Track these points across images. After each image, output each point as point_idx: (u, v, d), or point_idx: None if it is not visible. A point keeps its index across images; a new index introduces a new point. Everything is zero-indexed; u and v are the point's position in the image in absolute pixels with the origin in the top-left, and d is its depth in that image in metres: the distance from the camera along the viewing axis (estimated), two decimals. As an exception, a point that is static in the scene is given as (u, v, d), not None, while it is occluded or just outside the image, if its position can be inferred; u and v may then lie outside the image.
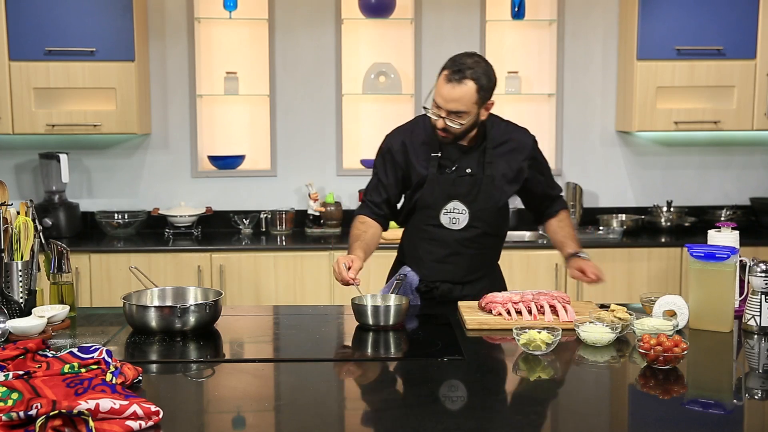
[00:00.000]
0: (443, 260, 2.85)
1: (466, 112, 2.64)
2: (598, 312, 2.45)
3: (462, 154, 2.80)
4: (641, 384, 2.01)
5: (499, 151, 2.83)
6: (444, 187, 2.79)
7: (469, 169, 2.79)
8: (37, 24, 4.34)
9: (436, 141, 2.79)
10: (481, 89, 2.62)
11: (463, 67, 2.62)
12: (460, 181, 2.78)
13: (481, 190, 2.79)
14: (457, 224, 2.81)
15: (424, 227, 2.85)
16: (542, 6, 4.92)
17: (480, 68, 2.64)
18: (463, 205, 2.79)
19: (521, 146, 2.87)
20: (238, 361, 2.19)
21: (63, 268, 2.62)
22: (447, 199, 2.80)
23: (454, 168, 2.79)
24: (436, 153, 2.79)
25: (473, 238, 2.83)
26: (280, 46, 4.83)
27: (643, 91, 4.60)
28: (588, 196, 4.98)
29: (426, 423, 1.74)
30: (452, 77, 2.61)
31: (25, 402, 1.61)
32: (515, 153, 2.85)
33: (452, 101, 2.62)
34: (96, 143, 4.82)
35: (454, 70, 2.62)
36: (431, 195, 2.80)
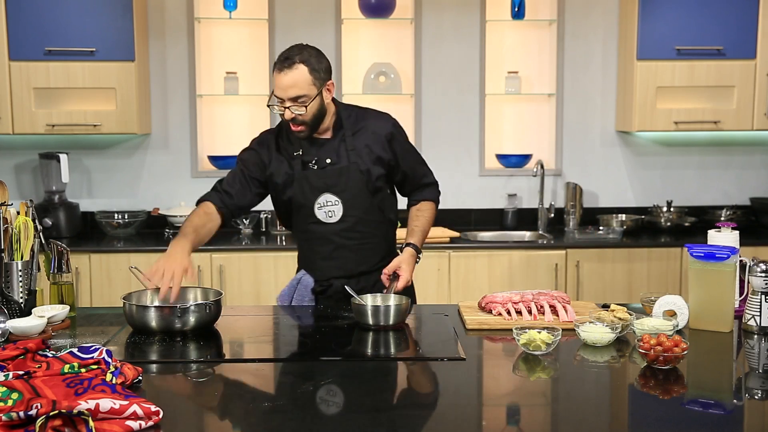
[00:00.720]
0: (330, 256, 2.85)
1: (306, 95, 2.67)
2: (598, 312, 2.45)
3: (321, 148, 2.82)
4: (641, 384, 2.01)
5: (359, 137, 2.84)
6: (312, 181, 2.80)
7: (329, 159, 2.81)
8: (37, 24, 4.34)
9: (295, 140, 2.82)
10: (313, 70, 2.67)
11: (291, 55, 2.67)
12: (325, 173, 2.80)
13: (350, 178, 2.81)
14: (333, 217, 2.83)
15: (305, 227, 2.87)
16: (542, 6, 4.92)
17: (306, 52, 2.69)
18: (335, 196, 2.81)
19: (379, 130, 2.87)
20: (238, 361, 2.19)
21: (63, 268, 2.62)
22: (317, 193, 2.81)
23: (315, 160, 2.81)
24: (297, 152, 2.82)
25: (353, 227, 2.84)
26: (280, 46, 4.83)
27: (643, 91, 4.60)
28: (588, 196, 4.98)
29: (426, 423, 1.73)
30: (283, 66, 2.67)
31: (25, 402, 1.61)
32: (374, 137, 2.85)
33: (289, 87, 2.66)
34: (96, 143, 4.82)
35: (282, 59, 2.68)
36: (302, 192, 2.82)
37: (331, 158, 2.81)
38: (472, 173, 4.98)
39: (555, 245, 4.46)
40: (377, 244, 2.91)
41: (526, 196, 5.00)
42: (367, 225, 2.87)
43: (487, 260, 4.37)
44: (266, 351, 2.37)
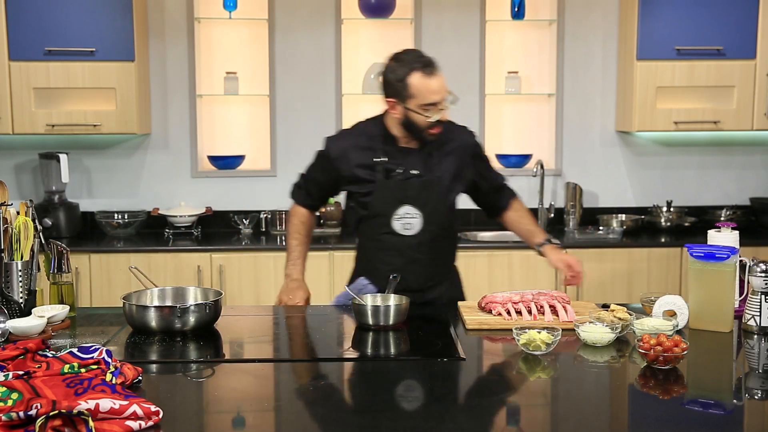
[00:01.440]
0: (400, 269, 2.74)
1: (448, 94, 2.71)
2: (598, 312, 2.45)
3: (407, 157, 2.77)
4: (641, 384, 2.01)
5: (444, 150, 2.82)
6: (394, 191, 2.75)
7: (416, 171, 2.76)
8: (37, 24, 4.34)
9: (380, 146, 2.77)
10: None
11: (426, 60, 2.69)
12: (409, 184, 2.75)
13: (432, 192, 2.76)
14: (411, 230, 2.77)
15: (377, 237, 2.80)
16: (542, 6, 4.92)
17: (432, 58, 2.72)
18: (416, 209, 2.76)
19: (464, 145, 2.88)
20: (238, 361, 2.19)
21: (63, 268, 2.62)
22: (398, 204, 2.75)
23: (401, 171, 2.75)
24: (381, 158, 2.76)
25: (428, 242, 2.79)
26: (280, 46, 4.83)
27: (643, 91, 4.60)
28: (588, 196, 4.98)
29: (426, 423, 1.74)
30: (432, 70, 2.67)
31: (25, 402, 1.61)
32: (458, 152, 2.85)
33: (443, 88, 2.69)
34: (96, 143, 4.82)
35: (426, 64, 2.67)
36: (382, 201, 2.75)
37: (418, 169, 2.75)
38: (472, 173, 4.97)
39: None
40: (446, 260, 2.90)
41: (526, 196, 4.99)
42: (441, 240, 2.83)
43: (487, 260, 4.37)
44: (266, 351, 2.37)
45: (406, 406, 1.90)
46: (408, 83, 2.66)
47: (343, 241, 4.49)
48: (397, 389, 2.04)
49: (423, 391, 2.01)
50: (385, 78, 2.74)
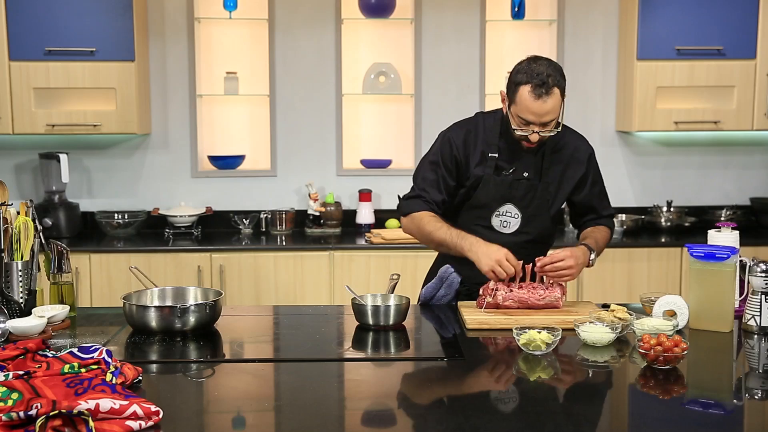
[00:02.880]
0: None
1: (556, 118, 2.63)
2: (598, 312, 2.45)
3: (520, 157, 2.74)
4: (641, 384, 2.01)
5: (558, 157, 2.78)
6: (500, 189, 2.73)
7: (527, 173, 2.74)
8: (37, 24, 4.34)
9: (495, 141, 2.74)
10: (563, 92, 2.62)
11: (545, 78, 2.57)
12: (517, 184, 2.74)
13: (536, 196, 2.75)
14: (507, 228, 2.77)
15: (473, 227, 2.76)
16: (542, 6, 4.92)
17: (556, 72, 2.61)
18: (517, 209, 2.75)
19: (579, 154, 2.82)
20: (238, 361, 2.19)
21: (63, 268, 2.62)
22: (501, 201, 2.74)
23: (511, 171, 2.74)
24: (494, 154, 2.74)
25: (522, 244, 2.76)
26: (280, 46, 4.83)
27: (643, 91, 4.60)
28: (588, 196, 4.97)
29: (426, 423, 1.74)
30: (540, 92, 2.56)
31: (25, 402, 1.61)
32: (572, 160, 2.80)
33: (546, 114, 2.59)
34: (96, 143, 4.82)
35: (538, 84, 2.57)
36: (486, 196, 2.74)
37: (528, 172, 2.73)
38: (472, 173, 4.97)
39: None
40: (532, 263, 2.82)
41: (526, 196, 4.99)
42: (535, 245, 2.81)
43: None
44: (266, 351, 2.37)
45: (405, 407, 1.90)
46: (517, 90, 2.61)
47: (343, 242, 4.49)
48: (397, 390, 2.04)
49: (423, 392, 2.01)
50: (511, 72, 2.71)
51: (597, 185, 2.89)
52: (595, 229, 2.87)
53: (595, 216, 2.92)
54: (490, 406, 1.89)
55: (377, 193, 4.93)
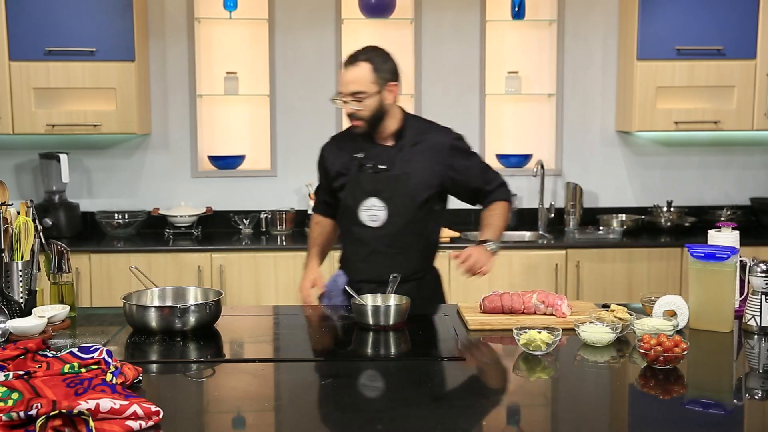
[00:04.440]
0: (366, 259, 2.90)
1: (364, 92, 2.77)
2: (598, 312, 2.45)
3: (381, 154, 2.88)
4: (641, 384, 2.01)
5: (417, 149, 2.89)
6: (363, 184, 2.87)
7: (384, 165, 2.85)
8: (37, 24, 4.34)
9: (359, 143, 2.90)
10: (376, 69, 2.78)
11: (358, 53, 2.82)
12: (377, 177, 2.86)
13: (398, 187, 2.85)
14: (377, 221, 2.87)
15: (349, 227, 2.93)
16: (542, 6, 4.92)
17: (374, 53, 2.82)
18: (381, 201, 2.85)
19: (437, 146, 2.91)
20: (238, 361, 2.19)
21: (63, 268, 2.62)
22: (365, 195, 2.87)
23: (370, 165, 2.87)
24: (359, 154, 2.90)
25: (393, 235, 2.87)
26: (280, 46, 4.83)
27: (643, 91, 4.60)
28: (588, 196, 4.98)
29: (426, 423, 1.74)
30: (347, 62, 2.82)
31: (26, 402, 1.61)
32: (431, 152, 2.90)
33: (350, 83, 2.79)
34: (96, 143, 4.82)
35: (349, 57, 2.83)
36: (351, 193, 2.89)
37: (387, 165, 2.86)
38: (472, 173, 4.97)
39: (555, 245, 4.46)
40: (412, 256, 2.92)
41: (526, 196, 5.00)
42: (407, 236, 2.89)
43: (487, 260, 4.36)
44: (266, 351, 2.37)
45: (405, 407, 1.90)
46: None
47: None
48: (397, 389, 2.04)
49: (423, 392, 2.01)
50: None
51: (472, 168, 2.97)
52: (489, 214, 2.99)
53: (485, 194, 3.01)
54: (489, 406, 1.89)
55: (377, 193, 4.92)
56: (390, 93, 2.83)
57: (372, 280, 2.86)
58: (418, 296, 2.83)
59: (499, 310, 2.58)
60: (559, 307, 2.54)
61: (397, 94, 2.87)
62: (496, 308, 2.58)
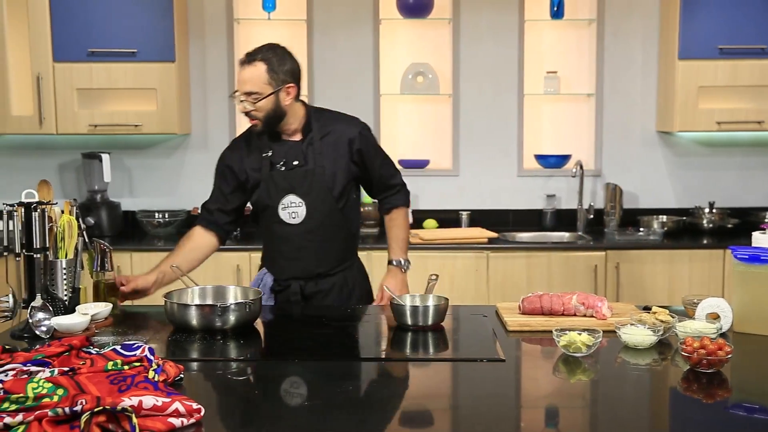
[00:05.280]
0: (290, 256, 2.90)
1: (259, 92, 2.75)
2: (639, 314, 2.42)
3: (290, 150, 2.88)
4: (684, 387, 1.98)
5: (326, 141, 2.89)
6: (277, 182, 2.87)
7: (296, 161, 2.86)
8: (80, 26, 4.41)
9: (266, 142, 2.89)
10: (271, 69, 2.75)
11: (254, 52, 2.78)
12: (292, 174, 2.86)
13: (314, 181, 2.86)
14: (297, 218, 2.88)
15: (269, 227, 2.93)
16: (582, 5, 4.88)
17: (271, 52, 2.78)
18: (299, 197, 2.86)
19: (344, 136, 2.91)
20: (277, 360, 2.20)
21: (106, 266, 2.66)
22: (282, 193, 2.87)
23: (282, 162, 2.86)
24: (267, 153, 2.89)
25: (315, 230, 2.88)
26: (318, 46, 4.85)
27: (685, 90, 4.54)
28: (628, 196, 4.93)
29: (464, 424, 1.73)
30: (243, 61, 2.78)
31: (71, 398, 1.64)
32: (339, 143, 2.90)
33: (245, 82, 2.76)
34: (137, 143, 4.88)
35: (246, 55, 2.79)
36: (267, 192, 2.88)
37: (298, 160, 2.87)
38: (510, 174, 4.95)
39: (594, 246, 4.42)
40: (337, 248, 2.95)
41: (565, 196, 4.96)
42: (329, 228, 2.91)
43: (526, 261, 4.35)
44: (305, 350, 2.37)
45: (444, 408, 1.89)
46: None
47: (381, 242, 4.49)
48: (436, 390, 2.04)
49: (462, 393, 2.00)
50: None
51: (376, 158, 2.98)
52: (393, 225, 3.04)
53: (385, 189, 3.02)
54: (528, 408, 1.88)
55: (415, 194, 4.92)
56: (287, 94, 2.80)
57: (299, 276, 2.90)
58: (346, 286, 2.95)
59: (538, 312, 2.56)
60: (600, 308, 2.52)
61: (295, 95, 2.84)
62: (536, 309, 2.57)
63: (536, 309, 2.57)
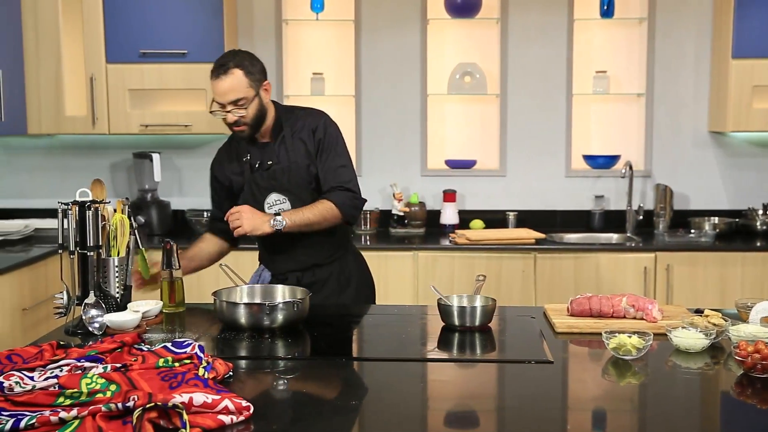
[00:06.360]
0: (283, 252, 2.96)
1: (245, 97, 2.80)
2: (691, 317, 2.38)
3: (265, 150, 2.94)
4: (737, 392, 1.94)
5: (296, 136, 2.93)
6: (259, 182, 2.92)
7: (271, 161, 2.91)
8: (132, 27, 4.48)
9: (244, 146, 2.96)
10: (248, 72, 2.82)
11: (225, 61, 2.83)
12: (271, 173, 2.91)
13: (291, 176, 2.90)
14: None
15: None
16: (632, 4, 4.82)
17: (239, 57, 2.84)
18: (282, 195, 2.90)
19: (309, 127, 2.93)
20: (324, 359, 2.21)
21: (173, 264, 2.71)
22: (265, 192, 2.91)
23: (258, 163, 2.93)
24: (246, 156, 2.95)
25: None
26: (365, 46, 4.86)
27: (738, 90, 4.45)
28: (678, 198, 4.85)
29: (511, 426, 1.72)
30: (219, 72, 2.81)
31: (123, 394, 1.66)
32: (307, 134, 2.93)
33: (227, 92, 2.80)
34: (186, 143, 4.94)
35: (217, 66, 2.83)
36: (251, 194, 2.93)
37: (272, 160, 2.92)
38: (558, 174, 4.91)
39: (644, 248, 4.36)
40: (326, 238, 2.97)
41: (614, 197, 4.90)
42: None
43: (573, 262, 4.31)
44: (352, 350, 2.39)
45: (491, 409, 1.89)
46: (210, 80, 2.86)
47: (427, 242, 4.49)
48: (483, 391, 2.03)
49: (510, 395, 1.99)
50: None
51: (330, 153, 2.94)
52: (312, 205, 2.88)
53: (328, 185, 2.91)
54: (575, 410, 1.86)
55: (462, 194, 4.92)
56: (266, 92, 2.88)
57: (295, 269, 2.97)
58: (343, 275, 2.99)
59: (587, 313, 2.54)
60: (650, 311, 2.49)
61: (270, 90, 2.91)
62: (584, 311, 2.54)
63: (585, 311, 2.54)
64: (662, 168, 4.88)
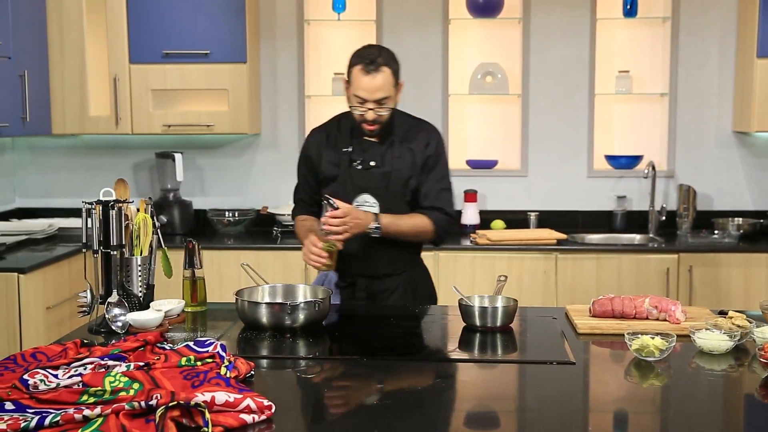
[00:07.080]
0: (357, 255, 2.85)
1: (389, 97, 2.78)
2: (714, 318, 2.36)
3: (369, 150, 2.88)
4: (762, 395, 1.93)
5: (406, 145, 2.89)
6: (355, 179, 2.87)
7: (373, 162, 2.86)
8: (155, 28, 4.51)
9: (348, 137, 2.90)
10: (394, 72, 2.79)
11: (374, 57, 2.76)
12: (369, 174, 2.86)
13: (390, 183, 2.86)
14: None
15: None
16: (656, 3, 4.78)
17: (387, 54, 2.80)
18: (373, 197, 2.85)
19: (424, 141, 2.90)
20: (346, 359, 2.22)
21: (195, 263, 2.72)
22: (357, 191, 2.86)
23: (360, 161, 2.87)
24: (347, 148, 2.89)
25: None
26: (387, 46, 4.84)
27: (764, 89, 4.41)
28: (702, 198, 4.81)
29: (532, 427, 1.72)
30: (369, 69, 2.75)
31: (146, 392, 1.68)
32: (419, 148, 2.89)
33: (376, 90, 2.75)
34: (208, 143, 4.97)
35: (368, 63, 2.76)
36: (342, 189, 2.87)
37: (376, 161, 2.87)
38: (580, 174, 4.88)
39: (666, 249, 4.33)
40: (404, 251, 2.94)
41: (636, 198, 4.87)
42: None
43: (595, 263, 4.28)
44: (373, 350, 2.38)
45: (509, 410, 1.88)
46: (351, 72, 2.82)
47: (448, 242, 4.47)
48: (504, 392, 2.03)
49: (532, 395, 1.99)
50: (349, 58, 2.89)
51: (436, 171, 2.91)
52: (411, 215, 2.87)
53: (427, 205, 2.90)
54: (597, 411, 1.85)
55: (483, 194, 4.90)
56: (399, 92, 2.86)
57: (366, 275, 2.90)
58: (410, 286, 2.94)
59: (609, 314, 2.52)
60: (673, 312, 2.47)
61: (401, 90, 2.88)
62: (607, 312, 2.53)
63: (607, 312, 2.53)
64: (685, 168, 4.84)
